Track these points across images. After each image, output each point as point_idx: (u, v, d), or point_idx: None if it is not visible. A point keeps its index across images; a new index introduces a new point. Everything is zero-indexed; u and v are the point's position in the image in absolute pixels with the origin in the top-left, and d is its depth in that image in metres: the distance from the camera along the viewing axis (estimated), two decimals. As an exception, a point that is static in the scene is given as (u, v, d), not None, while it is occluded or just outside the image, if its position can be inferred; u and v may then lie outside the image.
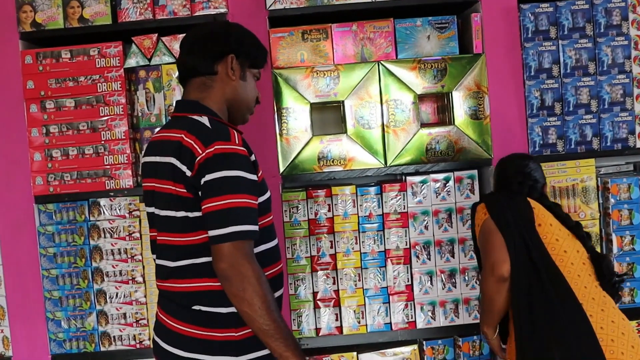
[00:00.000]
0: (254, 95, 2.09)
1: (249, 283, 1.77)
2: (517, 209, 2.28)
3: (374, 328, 2.86)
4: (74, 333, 2.89)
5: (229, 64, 2.00)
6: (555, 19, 2.82)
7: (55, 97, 2.84)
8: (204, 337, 1.91)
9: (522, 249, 2.19)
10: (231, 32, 2.04)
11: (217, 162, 1.82)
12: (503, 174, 2.48)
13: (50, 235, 2.88)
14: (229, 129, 1.90)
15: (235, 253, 1.78)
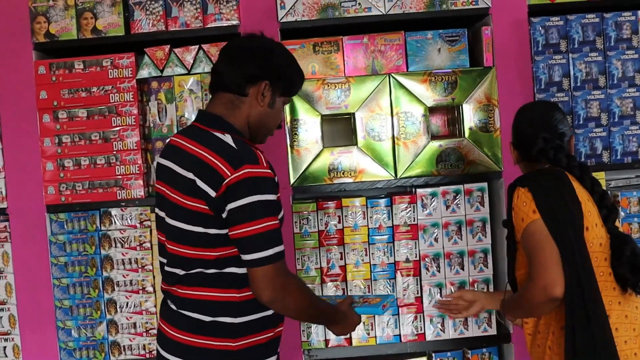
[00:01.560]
0: (277, 120, 2.11)
1: (293, 297, 1.91)
2: (568, 209, 2.02)
3: (383, 340, 2.86)
4: (84, 342, 2.90)
5: (260, 90, 2.00)
6: (566, 33, 2.82)
7: (68, 108, 2.87)
8: (201, 346, 1.95)
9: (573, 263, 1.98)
10: (273, 57, 2.02)
11: (248, 186, 1.85)
12: (528, 132, 2.17)
13: (61, 244, 2.90)
14: (255, 151, 1.92)
15: (279, 273, 1.88)
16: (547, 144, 2.12)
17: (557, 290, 1.94)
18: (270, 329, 2.02)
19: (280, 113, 2.11)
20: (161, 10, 2.85)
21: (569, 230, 1.98)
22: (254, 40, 2.09)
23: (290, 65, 2.08)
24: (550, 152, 2.12)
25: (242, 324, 1.96)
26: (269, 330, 2.02)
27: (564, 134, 2.17)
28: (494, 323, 2.86)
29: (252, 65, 1.99)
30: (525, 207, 2.03)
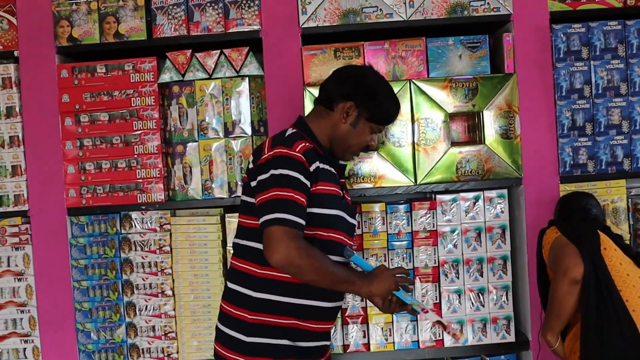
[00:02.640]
0: (360, 142, 2.25)
1: (303, 260, 1.99)
2: (586, 232, 2.44)
3: (401, 346, 2.86)
4: (103, 344, 2.91)
5: (345, 108, 2.20)
6: (587, 40, 2.82)
7: (89, 111, 2.89)
8: (224, 310, 2.22)
9: (591, 265, 2.34)
10: (366, 82, 2.22)
11: (274, 162, 2.08)
12: (566, 207, 2.62)
13: (82, 247, 2.91)
14: (297, 140, 2.13)
15: (274, 237, 1.99)
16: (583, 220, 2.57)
17: (577, 270, 2.32)
18: (286, 316, 2.13)
19: (364, 136, 2.24)
20: (183, 15, 2.87)
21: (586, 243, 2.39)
22: (358, 67, 2.46)
23: (382, 95, 2.23)
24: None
25: (260, 299, 2.12)
26: (286, 317, 2.13)
27: (597, 216, 2.59)
28: (512, 330, 2.85)
29: (344, 84, 2.22)
30: (549, 236, 2.51)
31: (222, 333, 2.22)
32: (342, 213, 2.19)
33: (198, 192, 2.88)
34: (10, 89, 2.91)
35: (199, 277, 2.88)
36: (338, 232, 2.18)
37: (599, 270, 2.34)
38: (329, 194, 2.14)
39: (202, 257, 2.87)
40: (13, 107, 2.92)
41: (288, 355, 2.15)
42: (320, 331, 2.18)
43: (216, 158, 2.87)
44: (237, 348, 2.17)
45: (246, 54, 2.87)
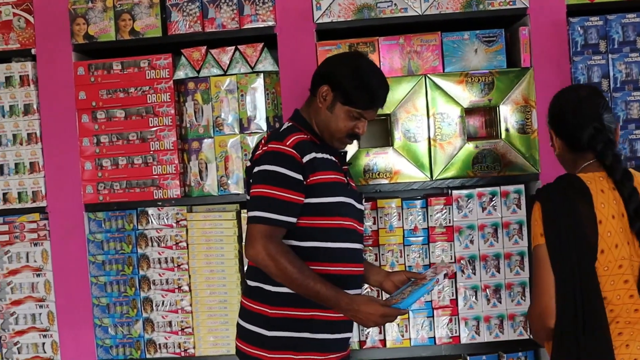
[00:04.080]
0: (340, 127, 2.21)
1: (273, 262, 2.05)
2: (579, 232, 1.89)
3: (417, 342, 2.85)
4: (121, 339, 2.94)
5: (321, 92, 2.20)
6: (605, 33, 2.78)
7: (106, 108, 2.91)
8: (245, 306, 2.24)
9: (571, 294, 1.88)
10: (342, 65, 2.21)
11: (263, 159, 2.14)
12: (572, 119, 2.01)
13: (99, 243, 2.94)
14: (290, 133, 2.16)
15: (252, 233, 2.08)
16: (598, 135, 1.99)
17: (549, 320, 1.89)
18: (306, 308, 2.14)
19: (342, 121, 2.20)
20: (198, 12, 2.87)
21: (572, 257, 1.87)
22: (345, 53, 2.50)
23: (360, 79, 2.18)
24: (599, 146, 1.98)
25: (279, 293, 2.14)
26: (306, 310, 2.14)
27: (611, 131, 2.02)
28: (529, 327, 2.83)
29: (323, 69, 2.25)
30: (535, 228, 1.95)
31: (244, 329, 2.23)
32: (348, 199, 2.20)
33: (214, 188, 2.89)
34: (27, 86, 2.94)
35: (215, 272, 2.89)
36: (347, 219, 2.20)
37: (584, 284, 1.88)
38: (331, 182, 2.16)
39: (218, 253, 2.88)
40: (31, 105, 2.94)
41: (310, 348, 2.16)
42: (340, 320, 2.18)
43: (232, 154, 2.87)
44: (260, 343, 2.18)
45: (261, 50, 2.88)
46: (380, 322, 2.09)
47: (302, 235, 2.16)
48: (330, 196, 2.16)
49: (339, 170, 2.23)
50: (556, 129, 2.06)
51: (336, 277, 2.16)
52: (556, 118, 2.06)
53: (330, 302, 2.09)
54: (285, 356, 2.16)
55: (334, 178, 2.19)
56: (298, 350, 2.16)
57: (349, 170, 2.37)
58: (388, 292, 2.35)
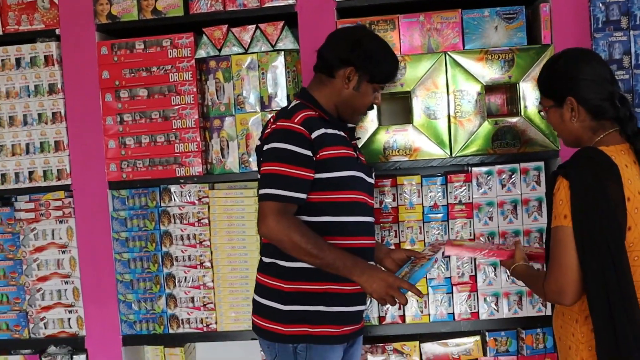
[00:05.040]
0: (365, 103, 2.32)
1: (286, 236, 2.08)
2: (609, 210, 1.86)
3: (436, 318, 2.88)
4: (144, 315, 2.99)
5: (346, 74, 2.25)
6: (627, 9, 2.77)
7: (129, 87, 2.94)
8: (260, 282, 2.29)
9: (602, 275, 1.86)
10: (362, 45, 2.25)
11: (272, 136, 2.18)
12: (600, 86, 1.98)
13: (122, 220, 2.98)
14: (298, 110, 2.20)
15: (263, 211, 2.12)
16: (625, 103, 1.98)
17: (565, 298, 1.90)
18: (321, 282, 2.19)
19: (368, 97, 2.30)
20: (219, -9, 2.90)
21: (604, 236, 1.84)
22: (351, 29, 2.44)
23: (380, 55, 2.27)
24: (624, 114, 1.98)
25: (294, 268, 2.19)
26: (320, 283, 2.19)
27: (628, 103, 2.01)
28: (548, 304, 2.84)
29: (341, 49, 2.25)
30: (560, 207, 1.89)
31: (259, 304, 2.28)
32: (358, 173, 2.25)
33: (235, 165, 2.93)
34: (52, 66, 2.98)
35: (236, 249, 2.93)
36: (358, 192, 2.25)
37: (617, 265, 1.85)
38: (341, 157, 2.21)
39: (239, 230, 2.92)
40: (55, 84, 2.99)
41: (325, 321, 2.20)
42: (354, 293, 2.22)
43: (253, 132, 2.90)
44: (275, 317, 2.23)
45: (281, 29, 2.89)
46: (392, 292, 2.07)
47: (314, 210, 2.20)
48: (340, 170, 2.20)
49: (348, 145, 2.28)
50: (580, 95, 1.99)
51: (348, 250, 2.19)
52: (582, 84, 1.99)
53: (346, 269, 2.11)
54: (301, 329, 2.20)
55: (344, 153, 2.23)
56: (313, 323, 2.21)
57: (357, 144, 2.41)
58: (388, 269, 2.39)
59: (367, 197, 2.30)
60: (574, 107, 2.00)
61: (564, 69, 2.03)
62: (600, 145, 1.97)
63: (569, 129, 2.05)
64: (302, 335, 2.21)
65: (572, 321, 1.98)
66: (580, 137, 2.04)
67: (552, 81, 2.06)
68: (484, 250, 2.27)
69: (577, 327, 1.97)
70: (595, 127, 2.01)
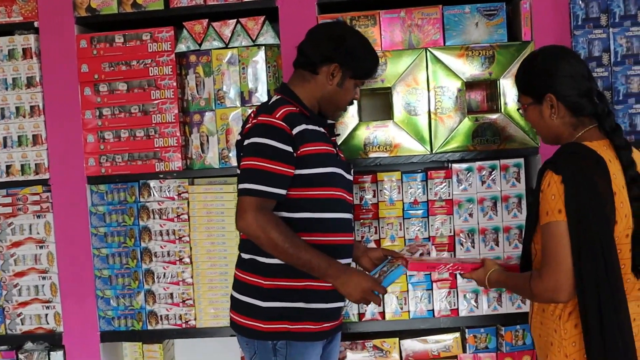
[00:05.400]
0: (346, 99, 2.34)
1: (263, 233, 2.08)
2: (600, 205, 1.87)
3: (416, 315, 2.87)
4: (123, 311, 2.97)
5: (330, 71, 2.25)
6: (607, 6, 2.78)
7: (108, 81, 2.92)
8: (239, 278, 2.28)
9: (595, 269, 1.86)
10: (345, 41, 2.26)
11: (253, 131, 2.17)
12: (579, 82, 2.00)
13: (101, 215, 2.96)
14: (279, 106, 2.18)
15: (242, 206, 2.10)
16: (603, 99, 2.01)
17: (562, 295, 1.89)
18: (301, 278, 2.19)
19: (350, 92, 2.32)
20: (200, -15, 2.88)
21: (596, 231, 1.85)
22: (332, 25, 2.49)
23: (362, 51, 2.29)
24: (602, 110, 2.00)
25: (273, 265, 2.17)
26: (300, 280, 2.19)
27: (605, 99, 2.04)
28: (528, 300, 2.84)
29: (324, 46, 2.25)
30: (552, 202, 1.88)
31: (238, 301, 2.27)
32: (338, 170, 2.25)
33: (215, 160, 2.91)
34: (30, 59, 2.96)
35: (216, 245, 2.91)
36: (337, 189, 2.25)
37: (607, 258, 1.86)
38: (321, 153, 2.21)
39: (219, 225, 2.90)
40: (33, 77, 2.96)
41: (304, 318, 2.20)
42: (333, 289, 2.21)
43: (233, 127, 2.89)
44: (255, 314, 2.22)
45: (262, 23, 2.88)
46: (366, 296, 2.14)
47: (293, 206, 2.19)
48: (320, 167, 2.20)
49: (328, 141, 2.28)
50: (559, 92, 2.00)
51: (327, 247, 2.20)
52: (561, 80, 2.00)
53: (321, 271, 2.12)
54: (280, 326, 2.20)
55: (324, 149, 2.23)
56: (293, 320, 2.20)
57: (336, 141, 2.41)
58: (365, 268, 2.41)
59: (346, 193, 2.30)
60: (553, 103, 2.01)
61: (542, 66, 2.05)
62: (583, 141, 1.98)
63: (548, 126, 2.06)
64: (281, 332, 2.20)
65: (555, 318, 1.99)
66: (561, 134, 2.05)
67: (531, 78, 2.07)
68: (448, 264, 2.22)
69: (560, 323, 1.97)
70: (575, 124, 2.02)
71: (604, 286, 1.85)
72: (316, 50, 2.26)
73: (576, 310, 1.94)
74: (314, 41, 2.30)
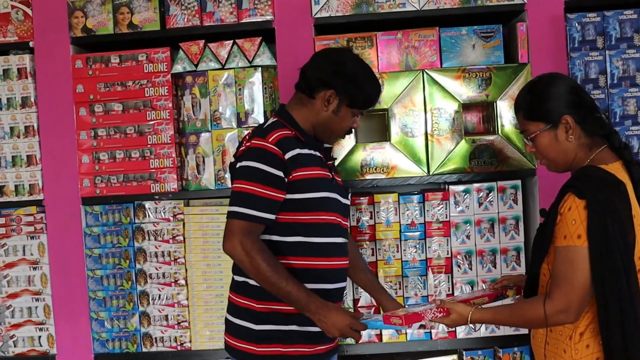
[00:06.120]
0: (343, 127, 2.29)
1: (247, 257, 2.08)
2: (623, 231, 1.86)
3: (413, 337, 2.86)
4: (117, 333, 2.94)
5: (326, 97, 2.22)
6: (603, 29, 2.79)
7: (103, 101, 2.91)
8: (232, 301, 2.28)
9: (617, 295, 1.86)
10: (345, 68, 2.22)
11: (245, 154, 2.16)
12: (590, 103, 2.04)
13: (96, 236, 2.93)
14: (274, 129, 2.18)
15: (230, 228, 2.12)
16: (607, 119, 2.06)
17: (573, 316, 1.89)
18: None
19: (346, 121, 2.27)
20: (196, 6, 2.87)
21: (619, 259, 1.84)
22: (337, 51, 2.41)
23: (362, 80, 2.24)
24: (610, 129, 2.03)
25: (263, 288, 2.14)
26: None
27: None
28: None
29: (323, 72, 2.22)
30: (572, 226, 1.87)
31: (232, 324, 2.26)
32: (332, 195, 2.24)
33: (211, 182, 2.89)
34: (25, 79, 2.94)
35: (211, 266, 2.89)
36: (330, 214, 2.24)
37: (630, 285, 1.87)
38: (315, 178, 2.19)
39: (215, 247, 2.88)
40: (28, 97, 2.94)
41: (297, 341, 2.19)
42: None
43: (229, 148, 2.87)
44: (248, 337, 2.21)
45: (259, 44, 2.88)
46: (345, 332, 2.12)
47: (285, 230, 2.19)
48: (313, 192, 2.19)
49: (323, 166, 2.26)
50: (573, 112, 1.99)
51: (320, 271, 2.20)
52: (577, 102, 2.01)
53: (300, 304, 2.11)
54: (274, 349, 2.19)
55: (318, 174, 2.21)
56: (286, 343, 2.19)
57: (333, 164, 2.39)
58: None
59: (340, 218, 2.29)
60: (570, 125, 2.00)
61: (550, 90, 2.04)
62: (599, 164, 1.98)
63: (565, 150, 2.03)
64: (274, 355, 2.19)
65: (565, 338, 1.97)
66: (576, 156, 2.03)
67: (542, 103, 2.04)
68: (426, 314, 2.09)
69: (572, 344, 1.96)
70: (590, 144, 2.02)
71: (628, 312, 1.86)
72: (315, 74, 2.23)
73: (588, 331, 1.94)
74: (315, 65, 2.28)
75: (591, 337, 1.94)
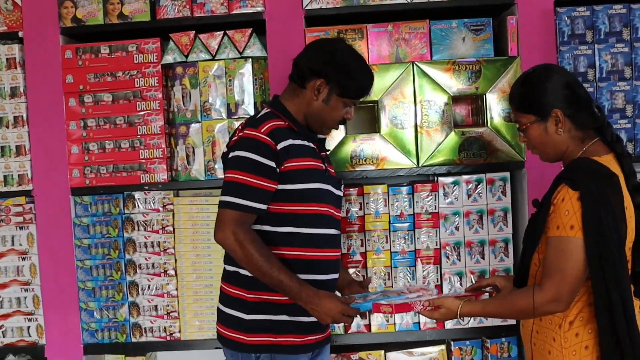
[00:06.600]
0: (334, 117, 2.28)
1: (239, 247, 2.09)
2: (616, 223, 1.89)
3: (402, 327, 2.88)
4: (106, 323, 2.94)
5: (315, 86, 2.21)
6: (592, 23, 2.80)
7: (93, 92, 2.90)
8: (224, 290, 2.28)
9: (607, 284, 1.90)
10: (335, 58, 2.22)
11: (238, 144, 2.17)
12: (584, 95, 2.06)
13: (85, 226, 2.93)
14: (266, 120, 2.19)
15: (221, 218, 2.13)
16: (601, 111, 2.06)
17: (564, 305, 1.92)
18: None
19: (337, 111, 2.26)
20: (187, -4, 2.87)
21: (612, 248, 1.87)
22: (329, 41, 2.46)
23: (352, 70, 2.23)
24: (604, 122, 2.05)
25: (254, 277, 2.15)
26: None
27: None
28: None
29: (312, 63, 2.22)
30: (565, 217, 1.89)
31: (223, 313, 2.27)
32: (325, 186, 2.24)
33: (201, 172, 2.90)
34: (14, 69, 2.92)
35: (201, 257, 2.90)
36: (323, 205, 2.24)
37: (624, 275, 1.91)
38: (307, 169, 2.20)
39: (204, 238, 2.89)
40: (17, 88, 2.93)
41: (288, 330, 2.20)
42: None
43: (219, 139, 2.88)
44: (239, 327, 2.21)
45: (249, 36, 2.88)
46: (338, 319, 2.14)
47: (278, 221, 2.20)
48: (305, 182, 2.20)
49: (316, 157, 2.27)
50: (564, 106, 2.02)
51: (312, 262, 2.21)
52: (569, 96, 2.03)
53: (292, 293, 2.13)
54: (264, 339, 2.20)
55: (311, 165, 2.22)
56: (277, 332, 2.20)
57: (327, 156, 2.39)
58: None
59: (333, 209, 2.29)
60: (559, 118, 2.02)
61: (542, 83, 2.05)
62: (592, 156, 2.00)
63: (555, 142, 2.06)
64: (265, 344, 2.20)
65: (554, 326, 1.99)
66: (567, 149, 2.06)
67: (533, 96, 2.06)
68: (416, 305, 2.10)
69: (561, 332, 1.98)
70: (582, 137, 2.04)
71: (628, 301, 1.90)
72: (306, 63, 2.24)
73: (577, 320, 1.97)
74: (307, 54, 2.28)
75: (581, 325, 1.96)
